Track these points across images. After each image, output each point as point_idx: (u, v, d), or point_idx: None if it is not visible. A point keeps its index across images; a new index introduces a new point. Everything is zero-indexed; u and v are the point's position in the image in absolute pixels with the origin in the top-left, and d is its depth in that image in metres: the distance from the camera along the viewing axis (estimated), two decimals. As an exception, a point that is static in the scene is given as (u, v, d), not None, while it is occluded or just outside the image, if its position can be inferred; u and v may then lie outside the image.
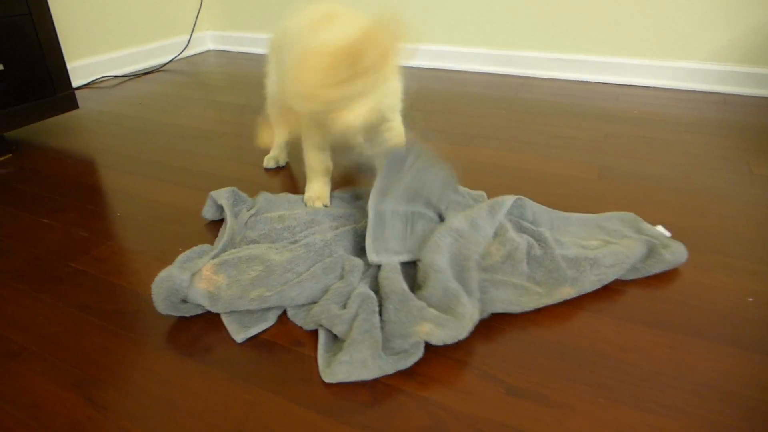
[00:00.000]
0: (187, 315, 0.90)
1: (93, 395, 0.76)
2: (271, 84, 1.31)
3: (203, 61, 2.70)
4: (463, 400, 0.74)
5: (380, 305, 0.86)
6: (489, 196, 1.20)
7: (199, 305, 0.89)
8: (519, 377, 0.77)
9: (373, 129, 1.18)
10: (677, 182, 1.32)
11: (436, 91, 2.09)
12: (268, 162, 1.44)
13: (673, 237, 1.07)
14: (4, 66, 1.44)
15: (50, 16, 1.53)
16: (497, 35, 2.27)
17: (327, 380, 0.77)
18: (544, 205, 1.15)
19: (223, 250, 0.98)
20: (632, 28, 2.03)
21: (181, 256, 0.97)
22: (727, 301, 0.91)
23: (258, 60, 2.70)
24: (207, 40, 2.92)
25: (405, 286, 0.86)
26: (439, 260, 0.89)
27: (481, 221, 0.97)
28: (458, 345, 0.81)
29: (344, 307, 0.86)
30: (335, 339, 0.85)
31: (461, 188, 1.20)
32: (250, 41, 2.83)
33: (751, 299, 0.91)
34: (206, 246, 1.01)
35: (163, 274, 0.88)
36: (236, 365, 0.80)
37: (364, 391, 0.75)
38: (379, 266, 0.95)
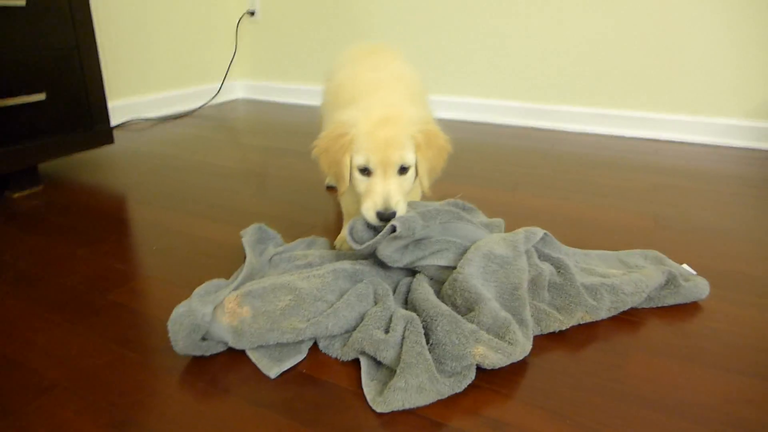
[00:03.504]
0: (207, 354, 0.81)
1: (135, 438, 0.66)
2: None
3: (233, 108, 2.72)
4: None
5: (424, 327, 0.80)
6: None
7: (220, 342, 0.81)
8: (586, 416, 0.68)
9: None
10: (739, 233, 1.25)
11: (473, 142, 2.07)
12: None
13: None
14: (46, 96, 1.42)
15: (96, 52, 1.53)
16: (532, 89, 2.27)
17: (380, 410, 0.70)
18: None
19: (242, 283, 0.90)
20: (669, 83, 2.03)
21: (198, 290, 0.87)
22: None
23: (286, 108, 2.71)
24: (237, 89, 2.95)
25: (449, 309, 0.81)
26: (485, 291, 0.84)
27: (521, 247, 0.93)
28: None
29: (387, 331, 0.80)
30: (378, 366, 0.78)
31: (480, 215, 1.12)
32: (279, 91, 2.87)
33: None
34: (222, 280, 0.92)
35: (181, 309, 0.79)
36: (292, 408, 0.71)
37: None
38: (409, 285, 0.92)
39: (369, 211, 0.93)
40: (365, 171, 0.96)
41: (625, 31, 2.04)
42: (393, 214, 0.91)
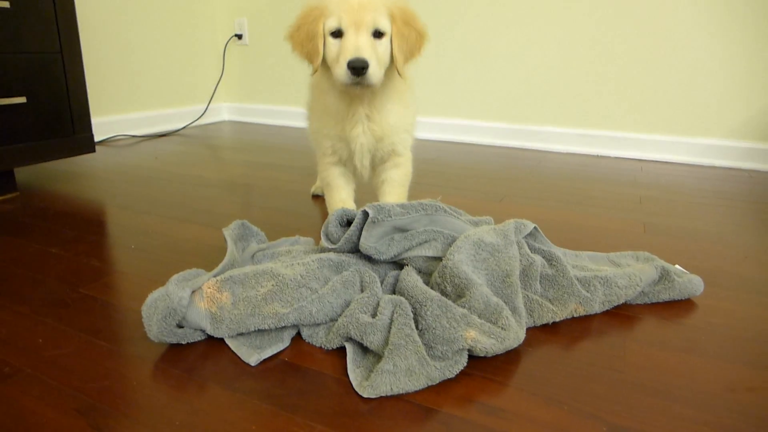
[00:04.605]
0: (184, 342, 0.76)
1: (101, 424, 0.61)
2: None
3: (218, 128, 2.71)
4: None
5: (413, 313, 0.76)
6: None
7: (198, 330, 0.76)
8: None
9: (381, 158, 1.13)
10: (728, 238, 1.25)
11: (457, 160, 2.07)
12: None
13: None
14: (27, 100, 1.39)
15: (81, 58, 1.52)
16: (517, 110, 2.30)
17: (366, 395, 0.66)
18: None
19: (223, 271, 0.86)
20: (653, 105, 2.07)
21: (175, 276, 0.82)
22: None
23: (271, 129, 2.71)
24: (223, 111, 2.95)
25: (439, 295, 0.78)
26: (476, 276, 0.81)
27: (512, 237, 0.90)
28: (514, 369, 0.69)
29: (374, 315, 0.76)
30: (365, 353, 0.74)
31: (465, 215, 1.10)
32: (265, 113, 2.87)
33: None
34: (201, 270, 0.87)
35: (156, 294, 0.75)
36: (273, 394, 0.66)
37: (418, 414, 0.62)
38: (396, 277, 0.88)
39: (341, 68, 0.91)
40: (338, 34, 0.94)
41: (610, 54, 2.08)
42: (365, 65, 0.89)
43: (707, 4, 1.90)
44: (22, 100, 1.37)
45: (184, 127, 2.64)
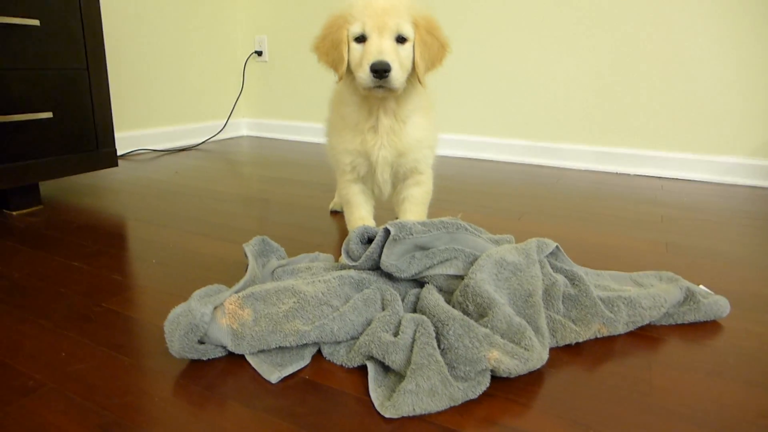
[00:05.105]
0: (205, 358, 0.76)
1: (124, 440, 0.61)
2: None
3: (237, 143, 2.74)
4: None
5: (435, 332, 0.75)
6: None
7: (219, 346, 0.76)
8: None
9: (403, 174, 1.12)
10: (753, 259, 1.22)
11: (476, 177, 2.07)
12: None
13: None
14: (53, 115, 1.42)
15: (106, 75, 1.55)
16: (535, 128, 2.29)
17: (388, 415, 0.65)
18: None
19: (244, 287, 0.86)
20: (673, 123, 2.05)
21: (198, 292, 0.82)
22: None
23: (290, 144, 2.73)
24: (242, 126, 2.98)
25: (461, 314, 0.77)
26: (498, 296, 0.80)
27: (534, 256, 0.90)
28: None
29: (396, 335, 0.75)
30: (386, 372, 0.74)
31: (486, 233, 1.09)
32: (283, 128, 2.90)
33: None
34: (222, 286, 0.88)
35: (178, 309, 0.76)
36: (294, 413, 0.66)
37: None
38: (417, 295, 0.88)
39: (364, 71, 0.92)
40: (361, 39, 0.95)
41: (629, 71, 2.08)
42: (388, 68, 0.90)
43: (730, 22, 1.89)
44: (49, 115, 1.41)
45: (203, 142, 2.68)
